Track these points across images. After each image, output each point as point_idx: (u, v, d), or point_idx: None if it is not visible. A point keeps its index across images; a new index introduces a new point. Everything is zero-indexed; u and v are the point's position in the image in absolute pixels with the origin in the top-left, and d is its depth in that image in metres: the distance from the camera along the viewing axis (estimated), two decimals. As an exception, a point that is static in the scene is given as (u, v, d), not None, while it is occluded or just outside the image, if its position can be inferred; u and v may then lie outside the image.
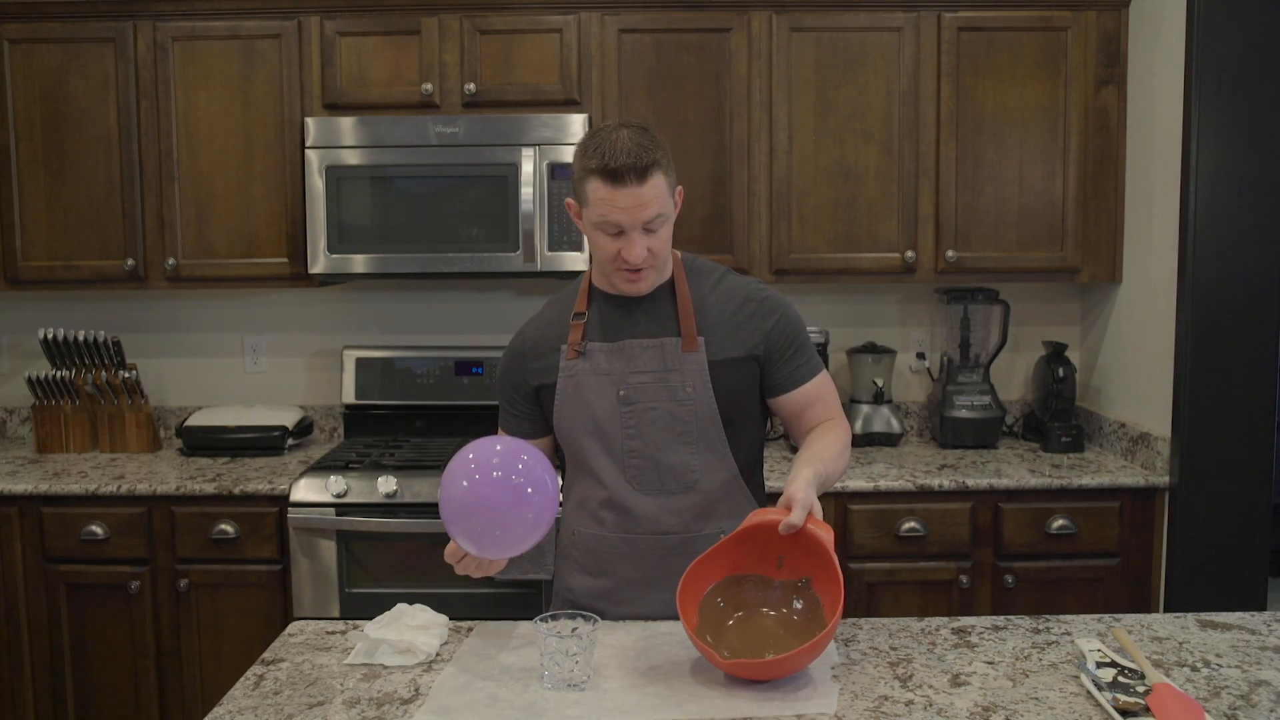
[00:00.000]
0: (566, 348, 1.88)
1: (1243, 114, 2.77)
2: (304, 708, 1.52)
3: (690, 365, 1.85)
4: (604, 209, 1.75)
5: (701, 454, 1.86)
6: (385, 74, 3.11)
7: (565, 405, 1.88)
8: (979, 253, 3.16)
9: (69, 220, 3.16)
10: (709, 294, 1.90)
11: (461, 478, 1.63)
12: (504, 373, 1.97)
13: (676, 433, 1.85)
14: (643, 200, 1.74)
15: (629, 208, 1.74)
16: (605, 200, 1.74)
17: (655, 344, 1.86)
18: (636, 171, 1.72)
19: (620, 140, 1.73)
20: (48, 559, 2.92)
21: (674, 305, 1.88)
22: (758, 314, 1.88)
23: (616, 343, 1.86)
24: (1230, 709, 1.49)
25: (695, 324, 1.86)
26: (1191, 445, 2.82)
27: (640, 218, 1.75)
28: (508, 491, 1.60)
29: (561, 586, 1.99)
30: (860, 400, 3.35)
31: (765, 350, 1.88)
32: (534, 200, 3.03)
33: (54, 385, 3.28)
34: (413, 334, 3.52)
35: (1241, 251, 2.79)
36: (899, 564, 2.90)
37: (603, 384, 1.85)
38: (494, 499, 1.60)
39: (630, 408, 1.85)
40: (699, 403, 1.85)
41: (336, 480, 2.86)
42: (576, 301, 1.92)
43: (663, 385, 1.84)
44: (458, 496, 1.62)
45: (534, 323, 1.97)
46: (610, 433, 1.85)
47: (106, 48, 3.11)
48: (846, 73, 3.11)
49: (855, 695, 1.54)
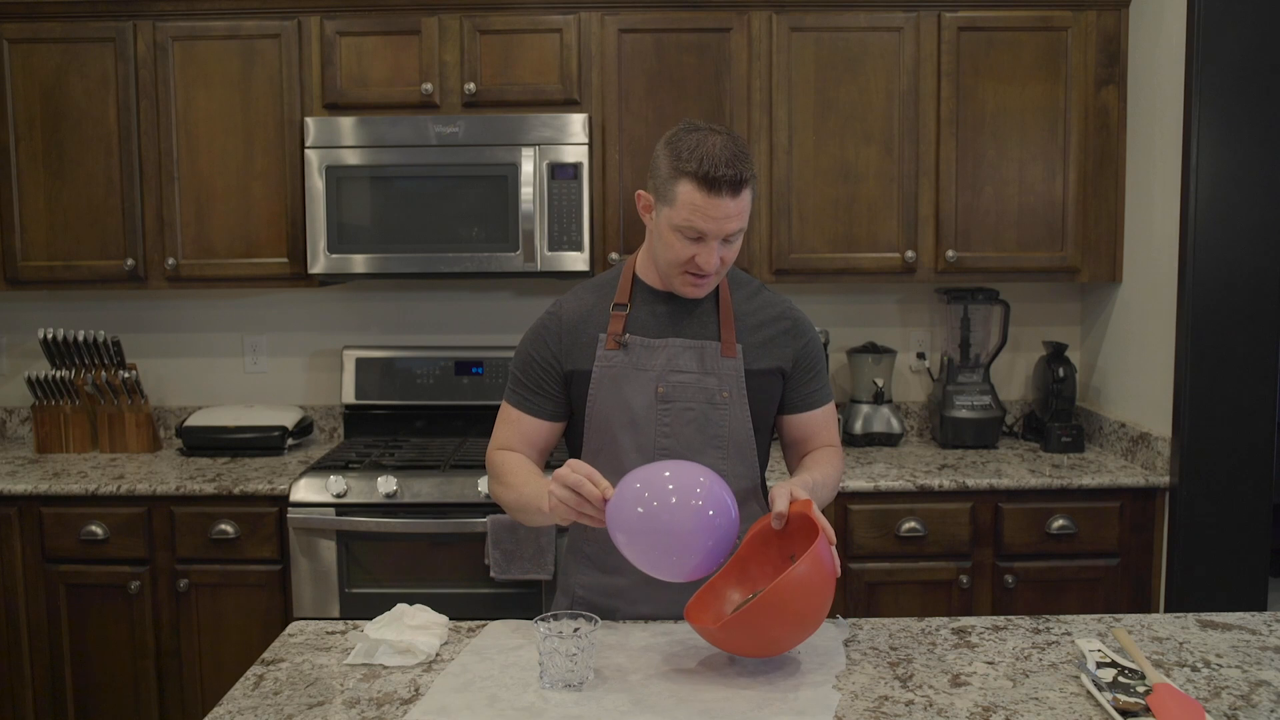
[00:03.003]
0: (606, 337, 1.86)
1: (1243, 114, 2.77)
2: (304, 708, 1.52)
3: (728, 370, 1.86)
4: (691, 214, 1.74)
5: (730, 459, 1.87)
6: (385, 74, 3.10)
7: (601, 396, 1.85)
8: (979, 253, 3.16)
9: (69, 220, 3.16)
10: (746, 304, 1.92)
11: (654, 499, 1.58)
12: (533, 347, 1.90)
13: (709, 435, 1.85)
14: (732, 213, 1.74)
15: (719, 218, 1.74)
16: (696, 206, 1.73)
17: (696, 345, 1.86)
18: (733, 184, 1.72)
19: (719, 148, 1.72)
20: (48, 559, 2.92)
21: (715, 310, 1.89)
22: (791, 332, 1.92)
23: (660, 340, 1.86)
24: (1230, 709, 1.49)
25: (735, 331, 1.88)
26: (1191, 445, 2.82)
27: (726, 229, 1.75)
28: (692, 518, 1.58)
29: (571, 583, 1.95)
30: (860, 400, 3.34)
31: (792, 368, 1.92)
32: (534, 200, 3.03)
33: (54, 385, 3.28)
34: (413, 334, 3.52)
35: (1241, 251, 2.79)
36: (899, 564, 2.90)
37: (642, 379, 1.85)
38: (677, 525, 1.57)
39: (668, 405, 1.84)
40: (733, 408, 1.86)
41: (336, 480, 2.86)
42: (618, 291, 1.89)
43: (700, 387, 1.85)
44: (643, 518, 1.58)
45: (571, 304, 1.92)
46: (645, 429, 1.84)
47: (106, 48, 3.11)
48: (846, 73, 3.11)
49: (855, 695, 1.54)
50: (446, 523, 2.83)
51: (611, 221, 3.12)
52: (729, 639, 1.57)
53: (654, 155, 1.81)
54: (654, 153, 1.81)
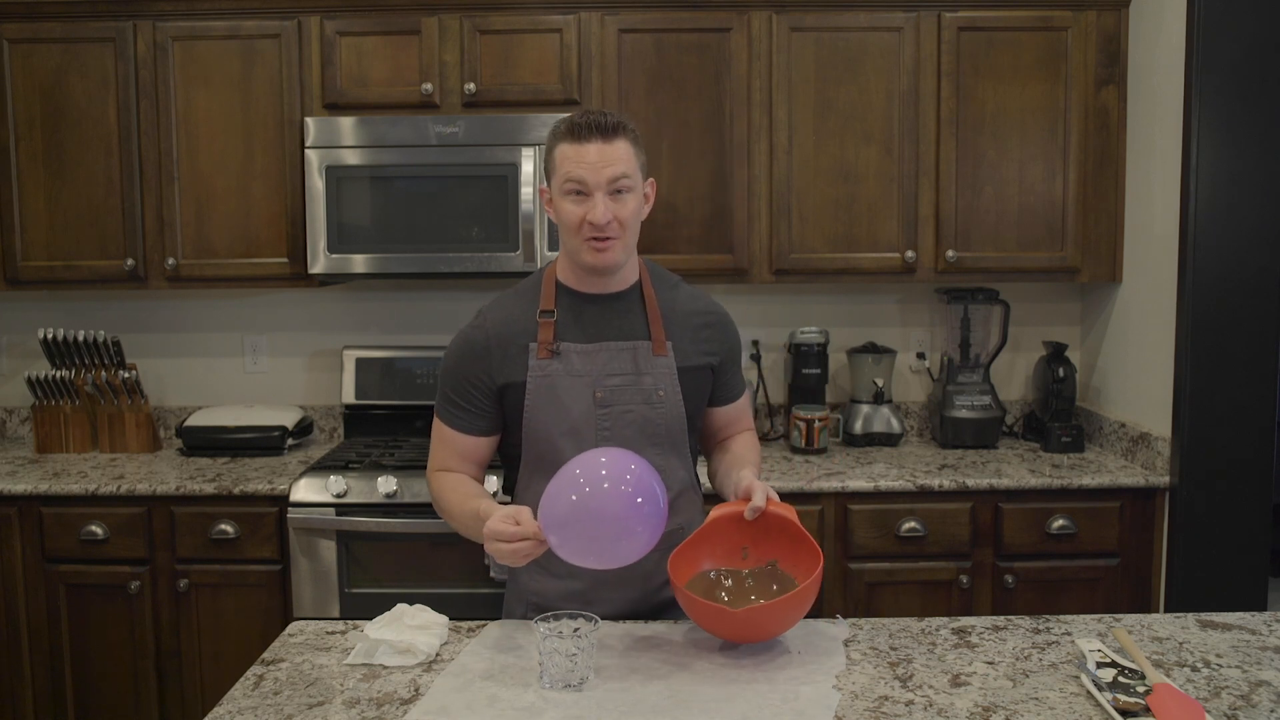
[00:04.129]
0: (537, 346, 1.84)
1: (1243, 114, 2.77)
2: (304, 708, 1.52)
3: (661, 369, 1.86)
4: (568, 167, 1.75)
5: (667, 456, 1.88)
6: (385, 74, 3.10)
7: (539, 405, 1.84)
8: (979, 253, 3.16)
9: (69, 220, 3.16)
10: (671, 300, 1.92)
11: (570, 491, 1.60)
12: (459, 366, 1.88)
13: (648, 434, 1.86)
14: (607, 157, 1.74)
15: (594, 163, 1.74)
16: (570, 158, 1.75)
17: (629, 346, 1.86)
18: (602, 129, 1.75)
19: (589, 111, 1.79)
20: (48, 559, 2.92)
21: (643, 308, 1.89)
22: (717, 326, 1.95)
23: (593, 344, 1.85)
24: (1230, 709, 1.49)
25: (663, 329, 1.88)
26: (1191, 445, 2.82)
27: (605, 174, 1.75)
28: (619, 502, 1.60)
29: (526, 591, 1.92)
30: (860, 400, 3.35)
31: (719, 363, 1.95)
32: (534, 200, 3.03)
33: (54, 385, 3.28)
34: (413, 334, 3.52)
35: (1241, 251, 2.79)
36: (899, 564, 2.90)
37: (578, 385, 1.83)
38: (605, 510, 1.59)
39: (606, 410, 1.84)
40: (669, 406, 1.87)
41: (336, 480, 2.86)
42: (542, 298, 1.87)
43: (637, 388, 1.85)
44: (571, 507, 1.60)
45: (495, 315, 1.89)
46: (585, 434, 1.83)
47: (106, 48, 3.11)
48: (846, 73, 3.11)
49: (855, 695, 1.54)
50: (446, 523, 2.82)
51: (611, 221, 3.12)
52: (740, 627, 1.64)
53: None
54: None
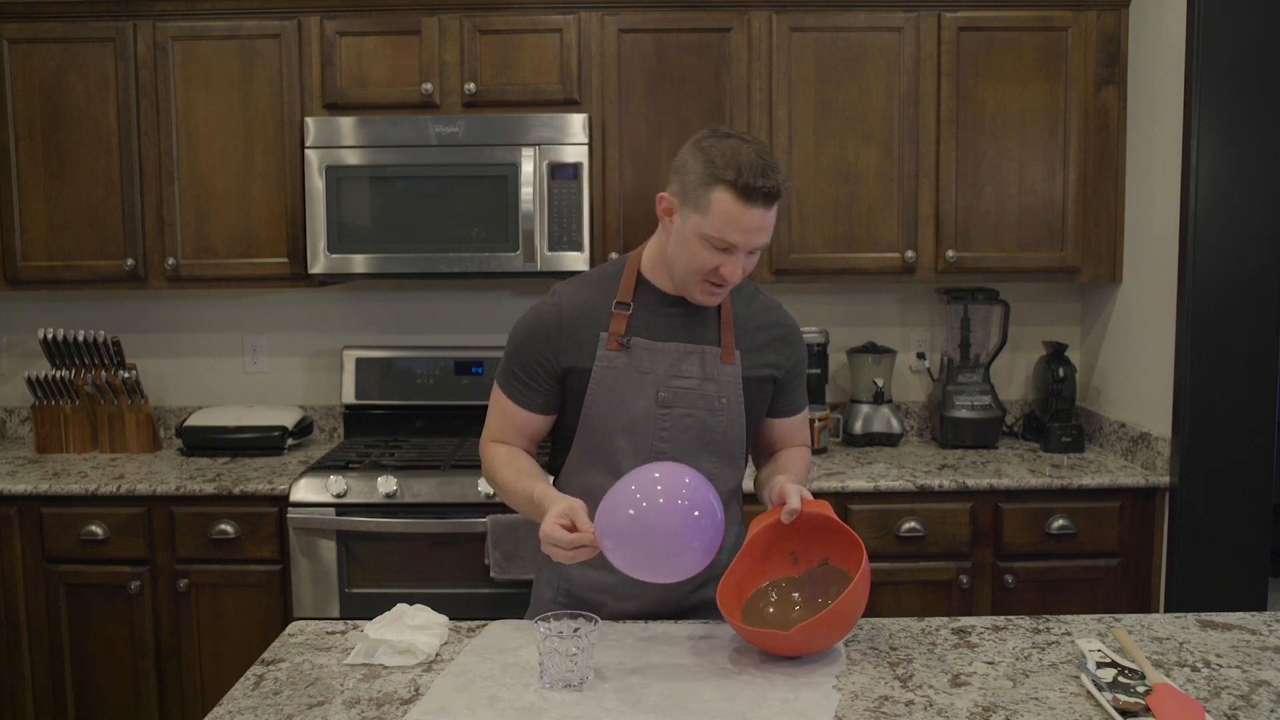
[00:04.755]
0: (608, 336, 1.82)
1: (1243, 114, 2.77)
2: (304, 708, 1.52)
3: (727, 377, 1.85)
4: (725, 225, 1.69)
5: (721, 463, 1.87)
6: (385, 74, 3.10)
7: (601, 396, 1.82)
8: (979, 253, 3.16)
9: (69, 220, 3.16)
10: (744, 308, 1.90)
11: (629, 506, 1.60)
12: (529, 340, 1.85)
13: (706, 441, 1.85)
14: (764, 225, 1.72)
15: (751, 230, 1.71)
16: (730, 216, 1.69)
17: (697, 350, 1.84)
18: (768, 196, 1.70)
19: (753, 158, 1.68)
20: (48, 559, 2.92)
21: (716, 315, 1.87)
22: (785, 339, 1.93)
23: (662, 344, 1.83)
24: (1230, 709, 1.49)
25: (734, 337, 1.87)
26: (1191, 445, 2.82)
27: (755, 242, 1.73)
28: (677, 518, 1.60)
29: (557, 577, 1.93)
30: (860, 400, 3.35)
31: (784, 375, 1.92)
32: (534, 200, 3.03)
33: (54, 385, 3.28)
34: (413, 334, 3.52)
35: (1241, 251, 2.79)
36: (899, 564, 2.90)
37: (643, 382, 1.82)
38: (666, 525, 1.59)
39: (668, 411, 1.83)
40: (730, 415, 1.86)
41: (336, 480, 2.86)
42: (621, 289, 1.85)
43: (701, 394, 1.84)
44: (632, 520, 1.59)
45: (571, 298, 1.85)
46: (643, 433, 1.82)
47: (106, 48, 3.11)
48: (846, 73, 3.11)
49: (855, 695, 1.54)
50: (446, 523, 2.83)
51: (611, 221, 3.12)
52: (800, 643, 1.62)
53: (679, 158, 1.76)
54: (679, 156, 1.76)
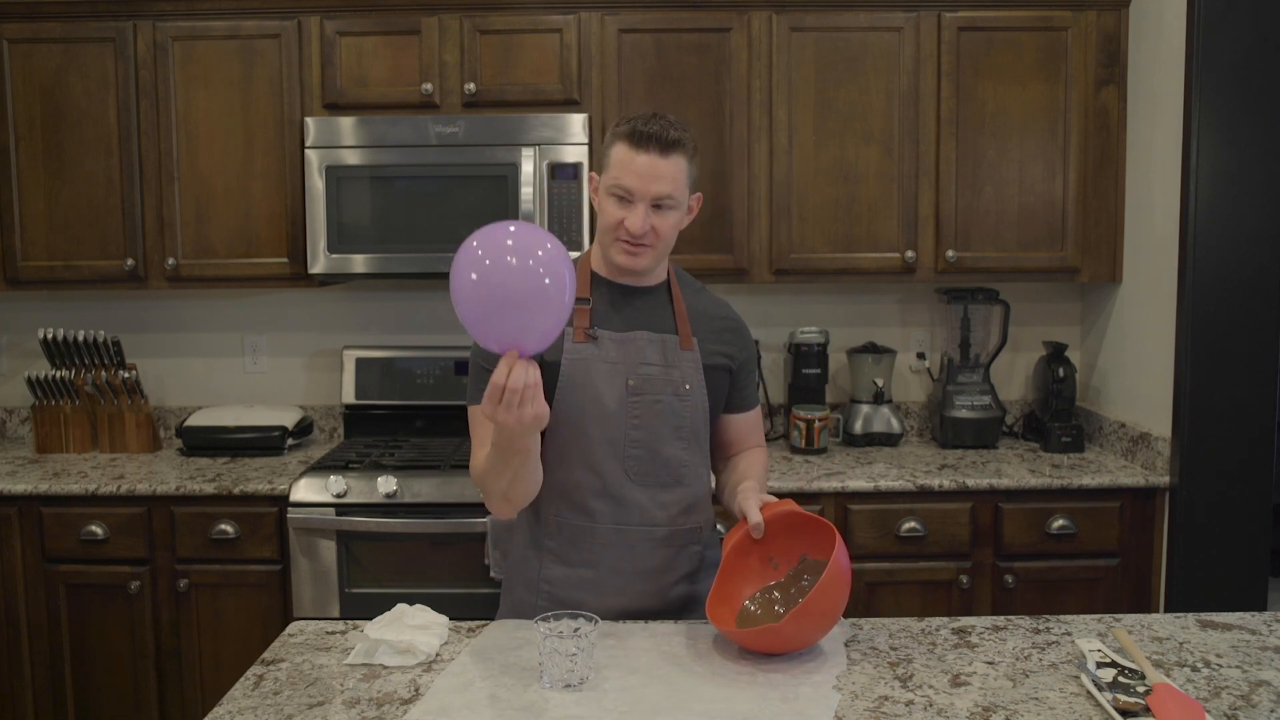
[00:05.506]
0: (573, 330, 1.86)
1: (1243, 114, 2.77)
2: (304, 708, 1.52)
3: (688, 363, 1.90)
4: (619, 171, 1.79)
5: (691, 450, 1.91)
6: (385, 74, 3.10)
7: (571, 388, 1.85)
8: (979, 253, 3.16)
9: (69, 220, 3.16)
10: (693, 299, 1.97)
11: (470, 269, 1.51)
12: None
13: (674, 426, 1.88)
14: (658, 172, 1.77)
15: (643, 174, 1.77)
16: (623, 163, 1.78)
17: (659, 339, 1.89)
18: (661, 143, 1.77)
19: (656, 116, 1.80)
20: (48, 559, 2.92)
21: (670, 305, 1.93)
22: (736, 331, 2.00)
23: (628, 333, 1.88)
24: (1230, 709, 1.49)
25: (689, 325, 1.92)
26: (1191, 445, 2.82)
27: (651, 189, 1.78)
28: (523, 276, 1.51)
29: (536, 578, 1.91)
30: (860, 400, 3.35)
31: (736, 367, 1.98)
32: (534, 200, 3.03)
33: (54, 385, 3.28)
34: (413, 334, 3.52)
35: (1241, 251, 2.79)
36: (899, 564, 2.90)
37: (613, 372, 1.86)
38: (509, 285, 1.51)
39: (638, 398, 1.86)
40: (695, 399, 1.90)
41: (336, 480, 2.86)
42: (577, 285, 1.86)
43: (666, 379, 1.88)
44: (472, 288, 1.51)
45: None
46: (615, 421, 1.85)
47: (106, 48, 3.11)
48: (846, 73, 3.11)
49: (855, 695, 1.54)
50: (446, 523, 2.83)
51: (611, 221, 3.12)
52: (774, 640, 1.62)
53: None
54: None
